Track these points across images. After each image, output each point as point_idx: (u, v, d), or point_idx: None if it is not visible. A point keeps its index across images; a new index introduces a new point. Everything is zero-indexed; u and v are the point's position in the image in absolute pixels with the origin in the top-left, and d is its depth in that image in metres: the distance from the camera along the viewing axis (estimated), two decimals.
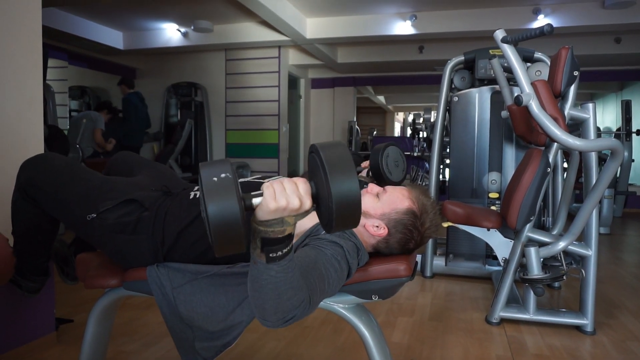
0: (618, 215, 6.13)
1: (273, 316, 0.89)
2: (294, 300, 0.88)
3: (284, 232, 0.81)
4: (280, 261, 0.83)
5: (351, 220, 0.82)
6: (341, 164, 0.80)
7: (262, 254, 0.83)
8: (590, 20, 5.03)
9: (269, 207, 0.78)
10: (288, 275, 0.85)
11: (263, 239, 0.81)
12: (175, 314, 1.20)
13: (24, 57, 1.88)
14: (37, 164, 1.30)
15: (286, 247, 0.83)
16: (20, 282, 1.52)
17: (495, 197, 3.11)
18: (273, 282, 0.85)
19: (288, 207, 0.79)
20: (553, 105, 2.02)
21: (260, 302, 0.88)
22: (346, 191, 0.78)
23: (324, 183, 0.80)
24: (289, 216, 0.81)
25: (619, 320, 2.39)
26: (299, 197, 0.80)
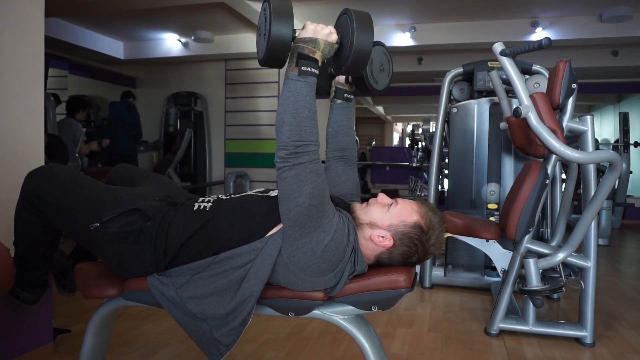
0: (616, 227, 6.14)
1: (287, 133, 1.09)
2: (307, 124, 1.11)
3: (314, 52, 1.13)
4: (307, 77, 1.11)
5: (360, 64, 1.17)
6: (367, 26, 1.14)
7: (296, 68, 1.11)
8: (588, 33, 5.07)
9: (309, 27, 1.14)
10: (309, 93, 1.12)
11: (299, 54, 1.12)
12: (186, 313, 1.21)
13: (26, 67, 1.89)
14: (41, 175, 1.31)
15: (314, 67, 1.12)
16: (18, 293, 1.51)
17: (494, 208, 3.11)
18: (295, 95, 1.10)
19: (322, 30, 1.14)
20: (551, 118, 2.03)
21: (281, 116, 1.10)
22: (364, 43, 1.13)
23: (349, 33, 1.14)
24: (321, 39, 1.13)
25: (618, 332, 2.39)
26: (330, 30, 1.16)
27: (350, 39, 1.13)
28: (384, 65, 1.48)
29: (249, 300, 1.18)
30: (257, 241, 1.19)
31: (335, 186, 1.50)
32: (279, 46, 1.09)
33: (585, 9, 4.83)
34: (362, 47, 1.13)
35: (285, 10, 1.10)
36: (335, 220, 1.16)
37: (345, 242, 1.17)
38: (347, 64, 1.16)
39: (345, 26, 1.17)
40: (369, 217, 1.26)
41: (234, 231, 1.22)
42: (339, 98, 1.51)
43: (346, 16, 1.17)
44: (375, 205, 1.28)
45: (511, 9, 4.94)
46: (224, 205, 1.28)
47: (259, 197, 1.30)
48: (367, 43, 1.14)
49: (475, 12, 5.06)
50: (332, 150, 1.54)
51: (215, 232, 1.22)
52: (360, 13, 1.15)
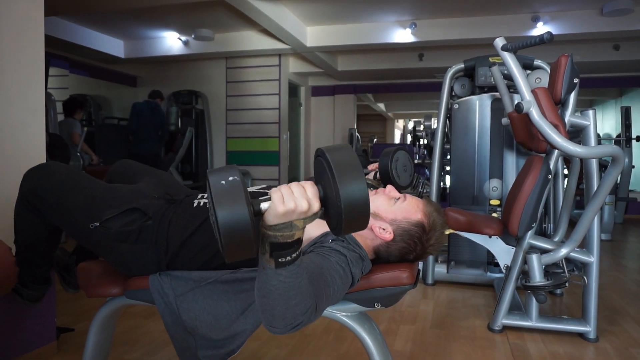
0: (619, 222, 6.13)
1: (281, 322, 0.89)
2: (302, 306, 0.88)
3: (292, 236, 0.82)
4: (289, 266, 0.84)
5: (360, 223, 0.82)
6: (349, 166, 0.80)
7: (271, 259, 0.83)
8: (589, 27, 5.05)
9: (278, 211, 0.79)
10: (297, 280, 0.86)
11: (272, 244, 0.82)
12: (177, 322, 1.19)
13: (26, 66, 1.89)
14: (40, 173, 1.30)
15: (295, 252, 0.84)
16: (21, 291, 1.52)
17: (497, 204, 3.11)
18: (282, 288, 0.85)
19: (296, 210, 0.79)
20: (553, 113, 2.02)
21: (269, 308, 0.88)
22: (355, 193, 0.79)
23: (332, 186, 0.80)
24: (297, 220, 0.81)
25: (621, 327, 2.38)
26: (307, 199, 0.81)
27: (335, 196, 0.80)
28: (407, 166, 1.61)
29: (242, 335, 1.17)
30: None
31: None
32: (235, 239, 0.76)
33: (586, 3, 4.82)
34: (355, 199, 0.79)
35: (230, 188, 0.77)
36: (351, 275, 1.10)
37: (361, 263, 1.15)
38: (340, 229, 0.82)
39: (325, 178, 0.84)
40: (373, 207, 1.24)
41: None
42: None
43: (321, 160, 0.85)
44: (382, 196, 1.27)
45: (512, 4, 4.93)
46: None
47: (261, 194, 1.29)
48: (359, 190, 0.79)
49: (476, 7, 5.05)
50: None
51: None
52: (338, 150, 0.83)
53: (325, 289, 0.97)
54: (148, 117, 5.69)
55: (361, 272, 1.16)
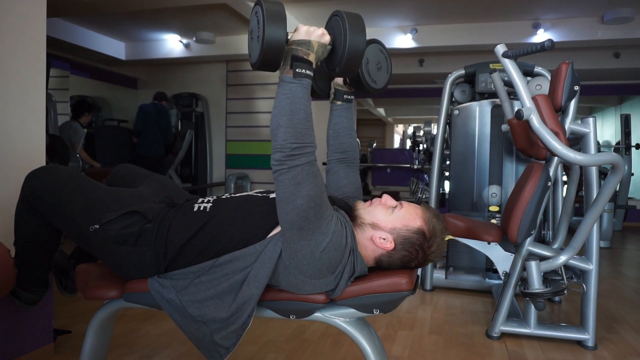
0: (618, 229, 6.13)
1: (283, 136, 1.07)
2: (303, 126, 1.09)
3: (308, 54, 1.12)
4: (302, 79, 1.10)
5: (353, 65, 1.17)
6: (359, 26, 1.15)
7: (290, 70, 1.10)
8: (590, 35, 5.07)
9: (302, 29, 1.13)
10: (304, 95, 1.11)
11: (293, 56, 1.11)
12: (186, 316, 1.20)
13: (27, 67, 1.89)
14: (41, 176, 1.30)
15: (308, 69, 1.11)
16: (19, 293, 1.51)
17: (496, 210, 3.11)
18: (290, 97, 1.09)
19: (314, 32, 1.14)
20: (554, 120, 2.02)
21: (277, 118, 1.09)
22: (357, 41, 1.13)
23: (342, 33, 1.14)
24: (314, 41, 1.13)
25: (620, 335, 2.38)
26: (322, 30, 1.16)
27: (343, 40, 1.14)
28: (381, 63, 1.43)
29: (249, 303, 1.18)
30: (257, 244, 1.19)
31: (338, 189, 1.50)
32: (273, 49, 1.08)
33: (587, 10, 4.83)
34: (355, 47, 1.13)
35: (279, 13, 1.09)
36: (333, 221, 1.15)
37: (343, 244, 1.16)
38: (340, 65, 1.16)
39: (337, 27, 1.17)
40: (372, 218, 1.25)
41: (234, 232, 1.21)
42: (338, 100, 1.49)
43: (337, 17, 1.17)
44: (379, 206, 1.27)
45: (513, 11, 4.94)
46: (224, 206, 1.27)
47: (259, 198, 1.29)
48: (360, 43, 1.14)
49: (477, 13, 5.06)
50: (334, 153, 1.52)
51: (215, 233, 1.22)
52: (352, 14, 1.16)
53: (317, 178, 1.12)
54: (155, 119, 5.71)
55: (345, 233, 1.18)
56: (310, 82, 1.13)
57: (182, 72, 7.15)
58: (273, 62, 1.11)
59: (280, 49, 1.09)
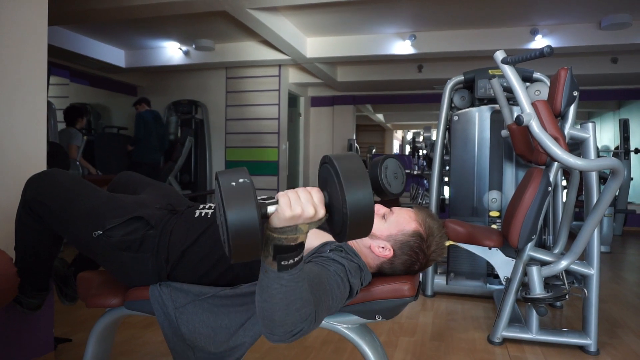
0: (618, 234, 6.12)
1: (281, 329, 0.89)
2: (302, 312, 0.88)
3: (296, 239, 0.83)
4: (291, 270, 0.85)
5: (364, 229, 0.84)
6: (356, 174, 0.82)
7: (274, 262, 0.83)
8: (587, 40, 5.09)
9: (285, 215, 0.80)
10: (298, 285, 0.86)
11: (276, 247, 0.82)
12: (177, 334, 1.19)
13: (29, 75, 1.90)
14: (43, 181, 1.30)
15: (298, 256, 0.85)
16: (20, 299, 1.51)
17: (496, 215, 3.11)
18: (283, 292, 0.85)
19: (303, 215, 0.81)
20: (553, 125, 2.03)
21: (269, 313, 0.88)
22: (361, 201, 0.81)
23: (338, 193, 0.82)
24: (303, 224, 0.82)
25: (622, 340, 2.37)
26: (313, 205, 0.82)
27: (342, 206, 0.82)
28: (397, 174, 1.55)
29: (240, 349, 1.16)
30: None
31: None
32: (244, 238, 0.77)
33: (584, 16, 4.86)
34: (361, 206, 0.81)
35: (240, 190, 0.78)
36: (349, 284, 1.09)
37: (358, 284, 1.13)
38: (344, 236, 0.84)
39: (331, 185, 0.85)
40: None
41: None
42: None
43: (328, 168, 0.87)
44: None
45: (511, 17, 4.97)
46: None
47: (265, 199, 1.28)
48: (365, 203, 0.81)
49: (475, 20, 5.09)
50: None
51: (216, 240, 1.22)
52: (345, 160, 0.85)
53: (324, 298, 0.97)
54: (153, 126, 5.75)
55: (360, 282, 1.15)
56: (303, 261, 0.87)
57: (181, 79, 7.18)
58: (250, 252, 0.80)
59: (253, 235, 0.77)
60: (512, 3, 4.55)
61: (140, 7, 4.31)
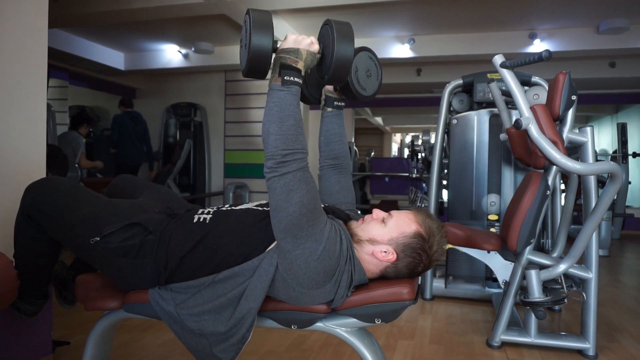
0: (616, 238, 6.13)
1: (274, 143, 1.09)
2: (292, 132, 1.10)
3: (296, 62, 1.14)
4: (290, 86, 1.11)
5: (342, 73, 1.18)
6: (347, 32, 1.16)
7: (279, 78, 1.12)
8: (585, 45, 5.11)
9: (290, 38, 1.15)
10: (293, 102, 1.12)
11: (282, 64, 1.12)
12: (185, 329, 1.20)
13: (28, 78, 1.90)
14: (42, 188, 1.30)
15: (297, 77, 1.13)
16: (18, 305, 1.50)
17: (495, 219, 3.11)
18: (279, 104, 1.11)
19: (303, 40, 1.16)
20: (552, 129, 2.04)
21: (267, 126, 1.11)
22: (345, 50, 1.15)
23: (330, 42, 1.16)
24: (303, 49, 1.14)
25: (620, 344, 2.38)
26: (311, 39, 1.17)
27: (331, 49, 1.15)
28: (370, 70, 1.44)
29: (247, 317, 1.18)
30: (254, 258, 1.18)
31: (330, 195, 1.50)
32: (259, 56, 1.11)
33: (582, 21, 4.88)
34: (343, 55, 1.15)
35: (265, 21, 1.11)
36: (327, 228, 1.15)
37: (337, 251, 1.16)
38: (329, 73, 1.17)
39: (326, 36, 1.19)
40: (367, 234, 1.25)
41: (233, 246, 1.21)
42: (329, 106, 1.51)
43: (327, 26, 1.19)
44: (371, 222, 1.27)
45: (509, 21, 4.99)
46: (224, 218, 1.27)
47: (259, 212, 1.28)
48: (348, 52, 1.15)
49: (474, 24, 5.11)
50: (325, 159, 1.54)
51: (215, 247, 1.22)
52: (341, 23, 1.17)
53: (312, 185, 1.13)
54: (130, 128, 5.68)
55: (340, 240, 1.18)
56: (300, 89, 1.14)
57: (180, 82, 7.18)
58: (260, 69, 1.13)
59: (266, 56, 1.11)
60: (510, 7, 4.57)
61: (139, 10, 4.32)
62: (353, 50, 1.17)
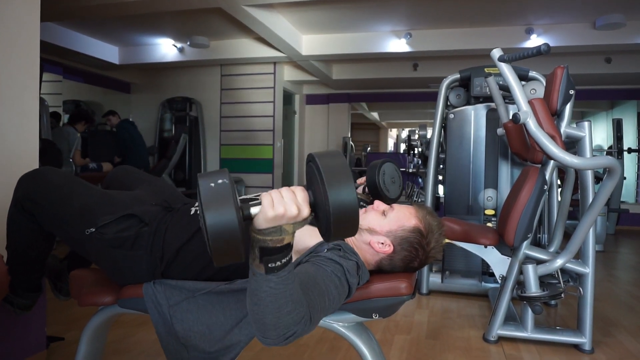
0: (611, 233, 6.16)
1: (273, 332, 0.87)
2: (294, 315, 0.86)
3: (282, 241, 0.81)
4: (279, 272, 0.83)
5: (349, 229, 0.82)
6: (338, 171, 0.80)
7: (261, 265, 0.82)
8: (582, 40, 5.11)
9: (267, 215, 0.79)
10: (288, 287, 0.84)
11: (262, 249, 0.81)
12: (171, 333, 1.17)
13: (21, 72, 1.87)
14: (35, 179, 1.28)
15: (285, 257, 0.83)
16: (12, 299, 1.48)
17: (491, 214, 3.11)
18: (272, 295, 0.84)
19: (286, 214, 0.79)
20: (550, 124, 2.03)
21: (260, 316, 0.86)
22: (344, 198, 0.79)
23: (321, 191, 0.80)
24: (287, 224, 0.81)
25: (616, 338, 2.38)
26: (296, 204, 0.81)
27: (324, 207, 0.80)
28: (394, 178, 1.53)
29: (235, 348, 1.14)
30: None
31: None
32: (223, 241, 0.76)
33: (579, 16, 4.87)
34: (344, 205, 0.79)
35: (221, 192, 0.76)
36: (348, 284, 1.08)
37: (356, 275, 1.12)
38: (329, 235, 0.82)
39: (315, 183, 0.84)
40: (367, 223, 1.24)
41: None
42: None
43: (312, 166, 0.86)
44: (372, 212, 1.27)
45: (506, 16, 4.98)
46: None
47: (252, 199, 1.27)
48: (348, 196, 0.79)
49: (471, 19, 5.09)
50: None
51: None
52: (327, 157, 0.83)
53: (320, 299, 0.95)
54: (136, 135, 5.73)
55: (358, 280, 1.14)
56: (292, 263, 0.86)
57: (176, 76, 7.14)
58: (232, 255, 0.78)
59: (233, 239, 0.76)
60: (507, 2, 4.55)
61: (134, 3, 4.28)
62: (354, 196, 0.80)
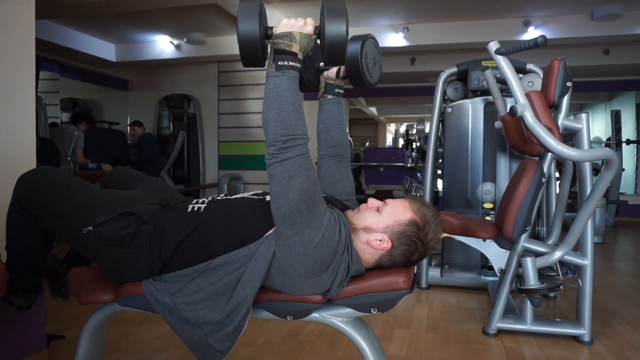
0: (610, 224, 6.17)
1: (274, 129, 1.08)
2: (292, 117, 1.08)
3: (291, 46, 1.10)
4: (286, 70, 1.09)
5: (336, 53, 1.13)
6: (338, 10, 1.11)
7: (273, 64, 1.10)
8: (580, 32, 5.10)
9: (283, 21, 1.13)
10: (291, 87, 1.10)
11: (275, 50, 1.11)
12: (180, 319, 1.19)
13: (17, 70, 1.86)
14: (34, 178, 1.28)
15: (292, 61, 1.10)
16: (11, 299, 1.48)
17: (490, 207, 3.11)
18: (276, 90, 1.09)
19: (296, 23, 1.12)
20: (547, 116, 2.03)
21: (266, 113, 1.10)
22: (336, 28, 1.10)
23: (323, 22, 1.11)
24: (296, 32, 1.11)
25: (615, 329, 2.39)
26: (304, 20, 1.14)
27: (322, 27, 1.12)
28: (376, 58, 1.45)
29: (243, 304, 1.16)
30: (251, 244, 1.17)
31: (330, 185, 1.48)
32: (247, 44, 1.11)
33: (576, 8, 4.86)
34: (335, 34, 1.10)
35: (251, 8, 1.11)
36: (326, 217, 1.13)
37: (336, 240, 1.15)
38: (324, 55, 1.13)
39: (321, 17, 1.15)
40: (362, 222, 1.24)
41: (229, 234, 1.20)
42: (329, 93, 1.48)
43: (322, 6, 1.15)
44: (366, 211, 1.27)
45: (503, 9, 4.96)
46: (219, 207, 1.26)
47: (255, 200, 1.28)
48: (339, 30, 1.10)
49: (468, 12, 5.08)
50: (325, 148, 1.51)
51: (209, 234, 1.20)
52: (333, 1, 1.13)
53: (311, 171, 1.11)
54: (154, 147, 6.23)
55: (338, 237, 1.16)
56: (297, 73, 1.12)
57: (173, 73, 7.11)
58: (252, 56, 1.13)
59: (254, 42, 1.11)
60: None
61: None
62: (344, 27, 1.10)
